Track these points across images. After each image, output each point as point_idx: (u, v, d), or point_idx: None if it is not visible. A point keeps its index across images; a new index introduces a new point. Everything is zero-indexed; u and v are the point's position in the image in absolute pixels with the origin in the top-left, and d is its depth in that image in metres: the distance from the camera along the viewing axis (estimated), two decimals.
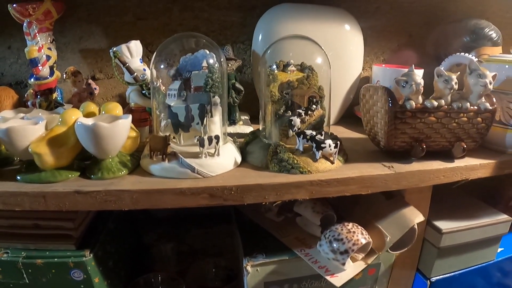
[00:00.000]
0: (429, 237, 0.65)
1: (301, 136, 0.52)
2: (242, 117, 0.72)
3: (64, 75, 0.69)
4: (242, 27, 0.77)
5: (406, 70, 0.71)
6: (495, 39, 0.75)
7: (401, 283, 0.67)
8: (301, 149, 0.53)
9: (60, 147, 0.51)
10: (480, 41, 0.74)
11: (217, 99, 0.54)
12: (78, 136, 0.51)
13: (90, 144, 0.50)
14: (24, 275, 0.55)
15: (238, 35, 0.78)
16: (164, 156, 0.51)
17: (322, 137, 0.53)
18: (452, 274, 0.67)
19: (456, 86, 0.58)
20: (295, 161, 0.51)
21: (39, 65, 0.66)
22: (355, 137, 0.72)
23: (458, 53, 0.71)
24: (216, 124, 0.54)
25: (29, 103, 0.70)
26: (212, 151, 0.51)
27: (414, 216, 0.59)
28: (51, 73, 0.69)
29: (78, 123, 0.50)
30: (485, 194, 0.83)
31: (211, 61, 0.53)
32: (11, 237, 0.57)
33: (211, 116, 0.53)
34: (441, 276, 0.66)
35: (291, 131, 0.54)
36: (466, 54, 0.70)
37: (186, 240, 0.79)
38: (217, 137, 0.50)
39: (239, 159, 0.54)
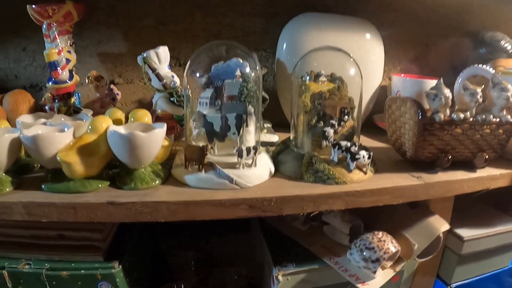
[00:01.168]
0: (451, 244, 0.67)
1: (337, 147, 0.53)
2: (265, 125, 0.72)
3: (87, 80, 0.67)
4: (264, 34, 0.77)
5: (426, 80, 0.74)
6: (510, 51, 0.77)
7: None
8: (335, 160, 0.53)
9: (91, 156, 0.49)
10: (496, 53, 0.77)
11: (251, 108, 0.54)
12: (111, 145, 0.50)
13: (125, 154, 0.49)
14: None
15: (260, 42, 0.78)
16: (200, 166, 0.50)
17: (356, 148, 0.54)
18: (471, 280, 0.69)
19: (481, 100, 0.60)
20: (331, 172, 0.52)
21: (58, 68, 0.64)
22: (377, 146, 0.73)
23: (477, 65, 0.73)
24: (251, 134, 0.54)
25: (46, 107, 0.68)
26: (249, 161, 0.51)
27: (440, 225, 0.60)
28: (71, 77, 0.67)
29: (112, 131, 0.49)
30: (494, 204, 0.85)
31: (247, 70, 0.53)
32: (33, 248, 0.55)
33: (247, 125, 0.53)
34: (460, 282, 0.68)
35: (324, 141, 0.55)
36: (485, 66, 0.72)
37: (203, 248, 0.78)
38: (255, 148, 0.50)
39: (273, 169, 0.55)
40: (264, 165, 0.53)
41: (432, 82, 0.71)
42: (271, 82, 0.81)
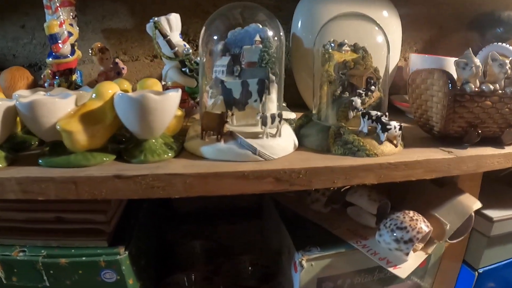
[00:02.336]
0: (479, 226, 0.61)
1: (366, 117, 0.47)
2: None
3: (90, 51, 0.60)
4: (278, 11, 0.71)
5: (446, 58, 0.69)
6: None
7: (448, 275, 0.63)
8: (365, 130, 0.47)
9: (95, 125, 0.43)
10: None
11: (272, 76, 0.48)
12: (119, 111, 0.43)
13: (135, 120, 0.42)
14: (45, 277, 0.46)
15: None
16: (219, 136, 0.44)
17: (387, 119, 0.48)
18: (498, 264, 0.63)
19: (510, 71, 0.55)
20: (361, 143, 0.46)
21: (59, 41, 0.58)
22: None
23: (496, 43, 0.69)
24: (273, 102, 0.47)
25: (46, 84, 0.61)
26: (273, 131, 0.45)
27: (472, 203, 0.54)
28: (72, 51, 0.61)
29: (121, 94, 0.42)
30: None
31: (269, 33, 0.47)
32: (28, 233, 0.48)
33: (269, 93, 0.46)
34: (488, 267, 0.62)
35: (351, 112, 0.49)
36: (505, 45, 0.68)
37: (213, 237, 0.71)
38: (280, 115, 0.44)
39: (297, 142, 0.48)
40: (288, 136, 0.46)
41: (452, 60, 0.67)
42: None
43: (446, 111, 0.52)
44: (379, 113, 0.47)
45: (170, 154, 0.45)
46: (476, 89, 0.53)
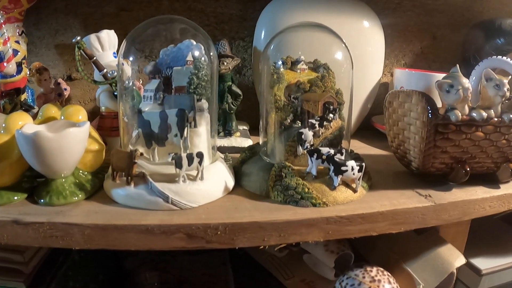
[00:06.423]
0: (464, 278, 0.48)
1: (315, 156, 0.35)
2: (240, 127, 0.55)
3: (28, 72, 0.53)
4: (242, 21, 0.60)
5: (436, 74, 0.55)
6: None
7: None
8: (314, 173, 0.36)
9: (1, 162, 0.36)
10: None
11: (204, 103, 0.37)
12: (20, 149, 0.36)
13: (33, 160, 0.35)
14: None
15: (237, 30, 0.61)
16: (129, 178, 0.34)
17: (343, 157, 0.36)
18: None
19: (508, 94, 0.41)
20: (306, 189, 0.34)
21: (3, 60, 0.52)
22: (375, 153, 0.54)
23: (495, 56, 0.54)
24: (201, 136, 0.37)
25: None
26: (195, 173, 0.34)
27: (454, 258, 0.41)
28: (19, 70, 0.54)
29: (18, 131, 0.34)
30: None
31: (196, 53, 0.36)
32: None
33: (195, 125, 0.36)
34: None
35: (300, 147, 0.37)
36: (506, 58, 0.53)
37: (172, 267, 0.61)
38: (200, 155, 0.33)
39: (231, 184, 0.37)
40: (217, 178, 0.36)
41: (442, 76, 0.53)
42: (250, 76, 0.64)
43: (425, 145, 0.40)
44: (332, 151, 0.36)
45: (79, 197, 0.36)
46: (465, 117, 0.40)
